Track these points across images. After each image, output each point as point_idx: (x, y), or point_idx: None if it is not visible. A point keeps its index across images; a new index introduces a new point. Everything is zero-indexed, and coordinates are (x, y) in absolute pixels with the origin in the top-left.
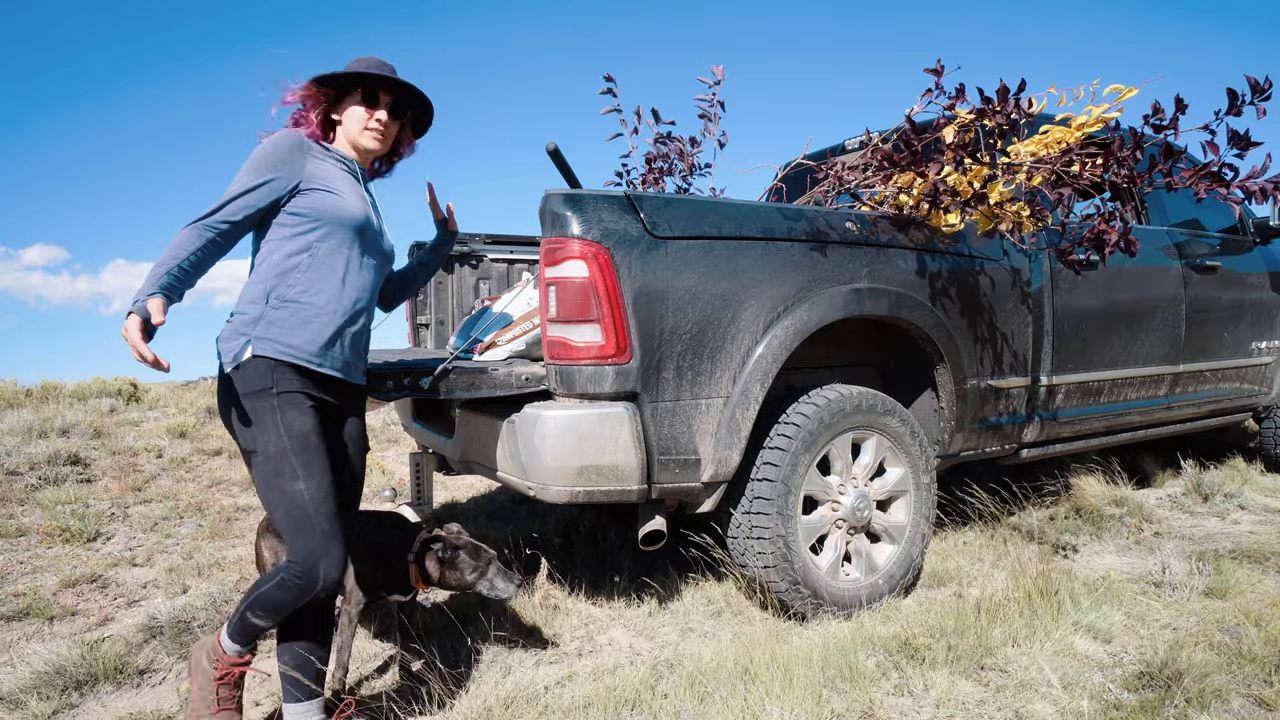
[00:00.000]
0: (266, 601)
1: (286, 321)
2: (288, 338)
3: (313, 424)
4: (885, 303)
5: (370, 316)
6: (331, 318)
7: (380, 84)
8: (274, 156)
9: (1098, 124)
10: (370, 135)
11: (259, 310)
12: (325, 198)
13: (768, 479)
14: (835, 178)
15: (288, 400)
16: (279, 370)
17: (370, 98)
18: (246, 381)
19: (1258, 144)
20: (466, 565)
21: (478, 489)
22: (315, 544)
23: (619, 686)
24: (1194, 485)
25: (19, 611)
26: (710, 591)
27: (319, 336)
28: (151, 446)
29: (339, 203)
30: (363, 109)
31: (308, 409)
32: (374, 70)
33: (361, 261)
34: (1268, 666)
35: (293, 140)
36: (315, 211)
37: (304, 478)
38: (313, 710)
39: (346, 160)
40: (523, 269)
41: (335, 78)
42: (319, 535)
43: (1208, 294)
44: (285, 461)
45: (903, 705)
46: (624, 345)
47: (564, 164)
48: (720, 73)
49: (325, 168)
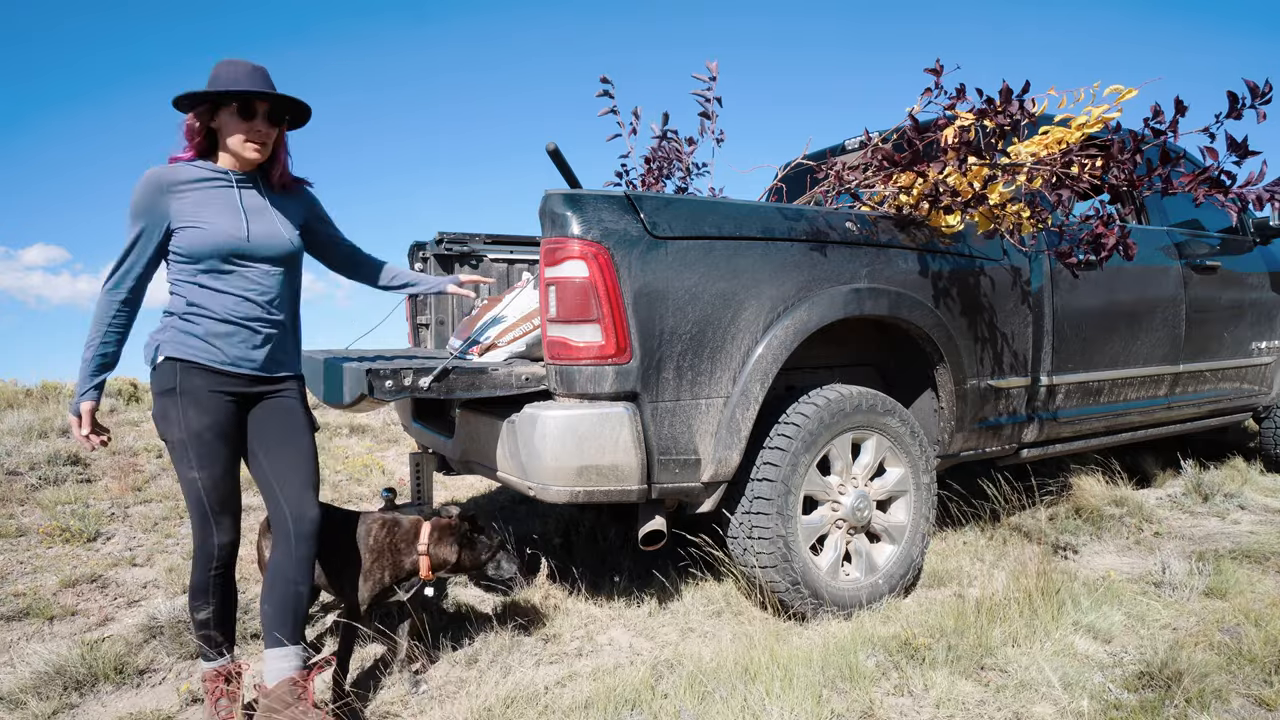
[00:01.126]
0: (192, 590)
1: (191, 329)
2: (192, 342)
3: (212, 420)
4: (885, 303)
5: (283, 314)
6: (233, 327)
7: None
8: (140, 205)
9: (1098, 124)
10: (251, 148)
11: (170, 320)
12: (193, 234)
13: (768, 479)
14: (835, 178)
15: (190, 399)
16: (185, 371)
17: (246, 110)
18: (159, 382)
19: (1256, 152)
20: (483, 546)
21: (478, 489)
22: (206, 521)
23: (619, 686)
24: (1194, 485)
25: (19, 611)
26: (710, 591)
27: (221, 340)
28: (151, 446)
29: (207, 236)
30: (240, 121)
31: (211, 406)
32: (245, 82)
33: (250, 272)
34: (1268, 666)
35: (152, 184)
36: (188, 247)
37: (198, 468)
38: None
39: (220, 174)
40: (523, 269)
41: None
42: (209, 514)
43: (1208, 294)
44: (185, 451)
45: (903, 705)
46: (624, 345)
47: (564, 164)
48: (715, 69)
49: (190, 200)
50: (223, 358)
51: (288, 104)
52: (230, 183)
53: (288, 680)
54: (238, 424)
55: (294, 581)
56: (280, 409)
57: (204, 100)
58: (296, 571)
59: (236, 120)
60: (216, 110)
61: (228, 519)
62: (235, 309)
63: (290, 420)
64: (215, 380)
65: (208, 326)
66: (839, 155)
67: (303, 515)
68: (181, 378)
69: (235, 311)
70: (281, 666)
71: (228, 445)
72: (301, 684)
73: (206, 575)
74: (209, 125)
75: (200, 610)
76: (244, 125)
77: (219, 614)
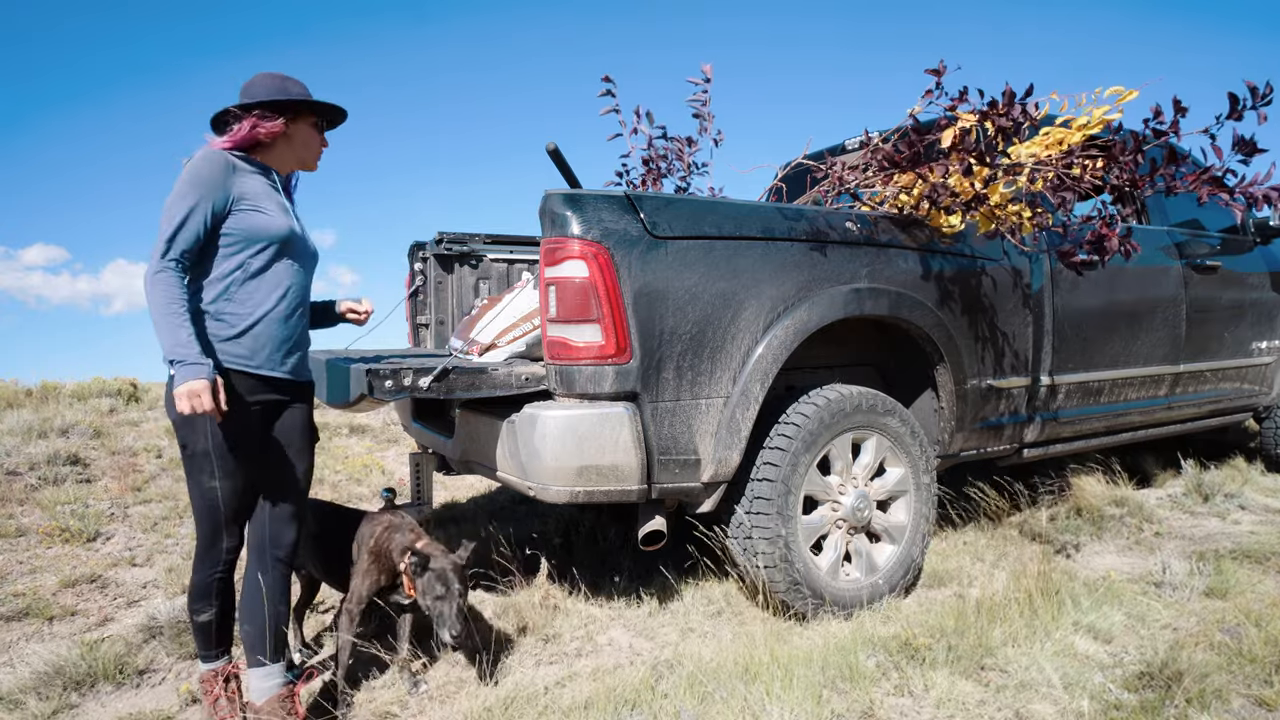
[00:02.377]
0: (193, 592)
1: (227, 332)
2: (226, 346)
3: (240, 431)
4: (885, 303)
5: (306, 317)
6: (269, 324)
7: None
8: (204, 177)
9: (1098, 126)
10: (317, 158)
11: (202, 323)
12: (254, 217)
13: (768, 479)
14: (835, 178)
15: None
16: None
17: (323, 126)
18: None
19: (1263, 150)
20: (430, 589)
21: (478, 489)
22: (217, 530)
23: (619, 686)
24: (1194, 485)
25: (19, 611)
26: (710, 591)
27: (258, 343)
28: (151, 446)
29: (267, 221)
30: (316, 134)
31: (241, 416)
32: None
33: (291, 268)
34: (1268, 666)
35: (220, 160)
36: (245, 231)
37: (220, 478)
38: (273, 673)
39: (268, 172)
40: (523, 269)
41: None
42: (221, 524)
43: (1208, 294)
44: (207, 461)
45: (903, 705)
46: (624, 345)
47: (564, 164)
48: (709, 71)
49: (251, 185)
50: (256, 361)
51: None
52: (276, 184)
53: (275, 697)
54: (263, 435)
55: (273, 601)
56: (293, 426)
57: (312, 110)
58: (273, 593)
59: (313, 132)
60: (296, 119)
61: (235, 525)
62: (273, 305)
63: (298, 439)
64: (247, 387)
65: (243, 324)
66: (839, 155)
67: (280, 541)
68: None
69: (272, 308)
70: (267, 685)
71: (252, 457)
72: (289, 698)
73: (210, 578)
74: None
75: (201, 613)
76: (319, 138)
77: (219, 616)
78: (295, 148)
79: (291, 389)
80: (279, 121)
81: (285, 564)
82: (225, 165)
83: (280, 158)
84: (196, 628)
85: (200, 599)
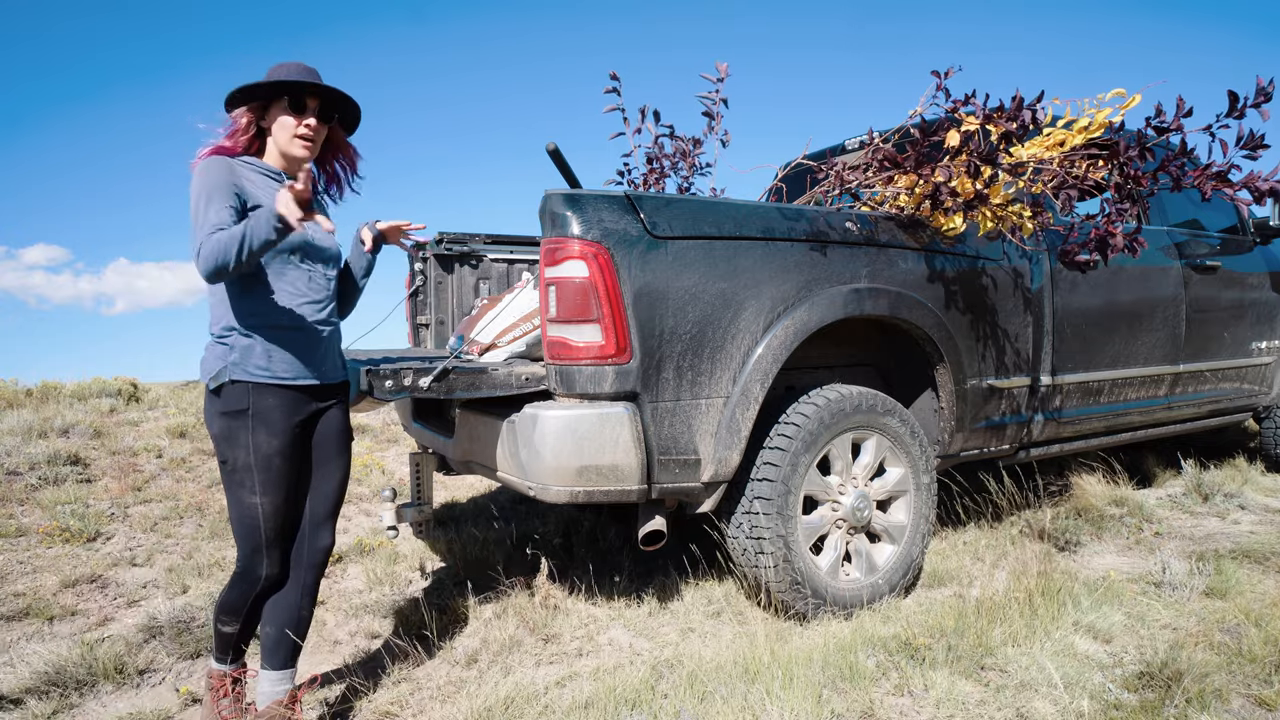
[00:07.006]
0: (223, 605)
1: (256, 347)
2: (262, 362)
3: (281, 444)
4: (885, 303)
5: (334, 316)
6: (295, 334)
7: (305, 90)
8: (213, 180)
9: (1099, 129)
10: (300, 144)
11: (231, 339)
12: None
13: (768, 479)
14: (836, 178)
15: (260, 421)
16: (256, 392)
17: (297, 105)
18: (225, 402)
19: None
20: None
21: (478, 489)
22: (257, 551)
23: (619, 686)
24: (1194, 485)
25: (19, 611)
26: (710, 591)
27: (289, 355)
28: (151, 446)
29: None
30: (291, 117)
31: (280, 428)
32: (296, 76)
33: (309, 272)
34: (1268, 666)
35: (222, 163)
36: None
37: (260, 494)
38: (284, 678)
39: (274, 173)
40: (523, 269)
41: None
42: (262, 544)
43: (1208, 294)
44: (249, 476)
45: (903, 705)
46: (624, 345)
47: (564, 164)
48: (724, 70)
49: (256, 189)
50: (291, 371)
51: (337, 102)
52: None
53: (277, 703)
54: (304, 446)
55: (299, 607)
56: (331, 430)
57: (257, 95)
58: (303, 598)
59: (287, 115)
60: (268, 108)
61: (278, 552)
62: (297, 312)
63: (336, 443)
64: (286, 399)
65: (272, 334)
66: (839, 155)
67: (317, 546)
68: (254, 399)
69: (298, 316)
70: (276, 690)
71: (294, 470)
72: (291, 704)
73: (244, 600)
74: (259, 123)
75: (227, 625)
76: (294, 121)
77: (244, 629)
78: (277, 139)
79: (325, 392)
80: (245, 119)
81: (318, 569)
82: (226, 165)
83: (276, 154)
84: (219, 635)
85: (229, 613)
